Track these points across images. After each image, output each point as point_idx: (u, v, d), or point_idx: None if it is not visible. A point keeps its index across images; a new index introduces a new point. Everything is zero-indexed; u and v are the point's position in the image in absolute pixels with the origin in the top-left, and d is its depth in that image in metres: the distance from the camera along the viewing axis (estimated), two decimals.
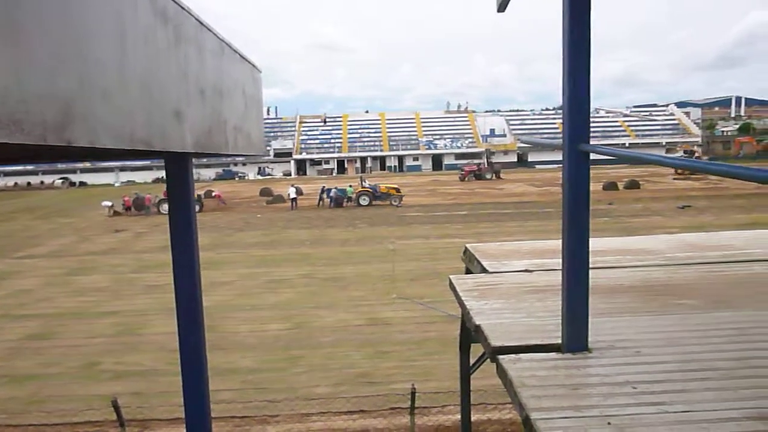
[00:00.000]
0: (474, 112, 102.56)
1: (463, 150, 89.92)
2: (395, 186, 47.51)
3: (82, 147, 1.73)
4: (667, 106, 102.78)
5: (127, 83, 1.98)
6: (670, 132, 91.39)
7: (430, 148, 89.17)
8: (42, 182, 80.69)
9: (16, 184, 79.64)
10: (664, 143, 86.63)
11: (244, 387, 12.18)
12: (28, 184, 79.95)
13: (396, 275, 20.38)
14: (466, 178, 65.39)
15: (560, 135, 2.87)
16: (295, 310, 17.69)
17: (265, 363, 13.62)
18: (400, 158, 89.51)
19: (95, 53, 1.75)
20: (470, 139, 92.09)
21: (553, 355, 2.93)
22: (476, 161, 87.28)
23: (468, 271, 5.28)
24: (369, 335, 15.26)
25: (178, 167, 3.31)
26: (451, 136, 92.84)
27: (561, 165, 2.89)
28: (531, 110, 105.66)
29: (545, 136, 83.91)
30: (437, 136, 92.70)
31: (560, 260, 2.90)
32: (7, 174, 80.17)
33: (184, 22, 2.56)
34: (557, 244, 3.02)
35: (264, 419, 10.73)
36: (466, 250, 5.51)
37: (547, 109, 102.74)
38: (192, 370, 3.74)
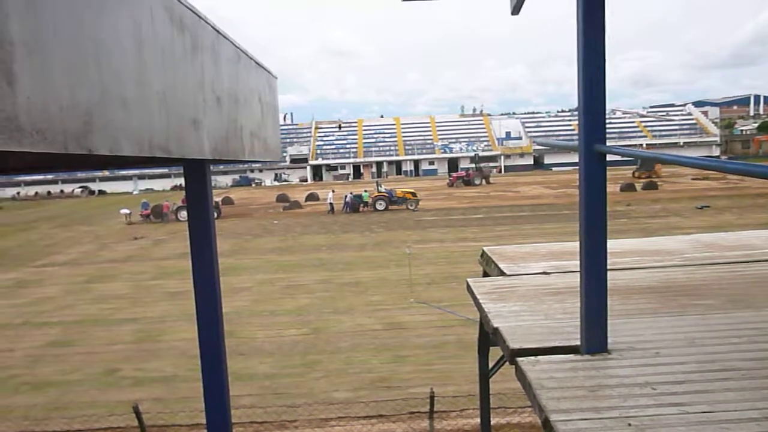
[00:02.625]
0: (489, 115, 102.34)
1: (479, 153, 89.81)
2: (411, 190, 47.49)
3: (102, 155, 1.76)
4: (684, 105, 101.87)
5: (146, 92, 2.01)
6: (687, 132, 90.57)
7: (445, 152, 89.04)
8: (62, 191, 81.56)
9: (36, 193, 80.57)
10: (681, 143, 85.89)
11: (263, 392, 12.22)
12: (48, 193, 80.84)
13: (413, 279, 20.37)
14: (455, 184, 64.05)
15: (576, 137, 2.87)
16: (313, 316, 17.73)
17: (284, 368, 13.66)
18: (416, 162, 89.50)
19: (114, 64, 1.79)
20: (486, 142, 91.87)
21: (571, 356, 2.92)
22: (492, 164, 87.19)
23: (485, 274, 5.27)
24: (387, 340, 15.25)
25: (196, 174, 3.35)
26: (466, 139, 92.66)
27: (578, 167, 2.89)
28: (547, 112, 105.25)
29: (561, 137, 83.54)
30: (453, 140, 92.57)
31: (578, 262, 2.90)
32: (27, 183, 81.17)
33: (201, 31, 2.60)
34: (575, 245, 3.02)
35: (283, 424, 10.76)
36: (483, 253, 5.51)
37: (562, 111, 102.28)
38: (212, 374, 3.77)
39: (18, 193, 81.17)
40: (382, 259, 25.82)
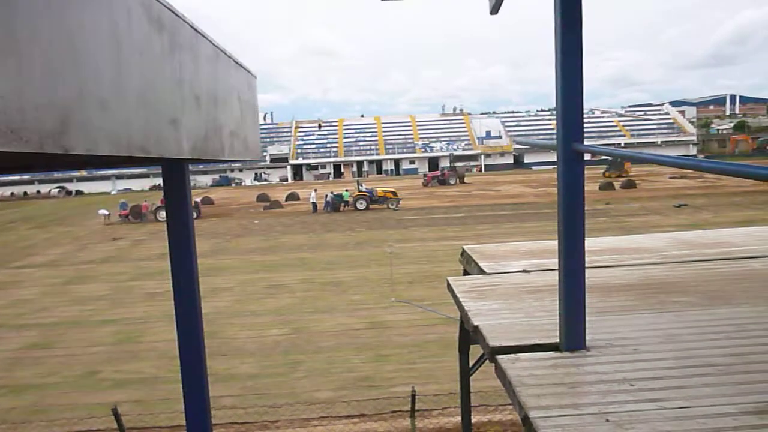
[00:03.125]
0: (470, 114, 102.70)
1: (460, 152, 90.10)
2: (392, 189, 47.51)
3: (80, 154, 1.75)
4: (662, 105, 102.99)
5: (124, 91, 1.99)
6: (665, 131, 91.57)
7: (426, 151, 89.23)
8: (38, 191, 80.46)
9: (12, 194, 79.46)
10: (659, 142, 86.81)
11: (245, 393, 12.17)
12: (25, 193, 79.78)
13: (395, 278, 20.39)
14: (429, 184, 63.63)
15: (555, 136, 2.89)
16: (294, 315, 17.69)
17: (266, 368, 13.62)
18: (397, 162, 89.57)
19: (91, 62, 1.77)
20: (466, 142, 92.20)
21: (551, 354, 2.94)
22: (473, 163, 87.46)
23: (466, 273, 5.29)
24: (368, 339, 15.26)
25: (175, 174, 3.32)
26: (447, 138, 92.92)
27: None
28: (527, 111, 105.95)
29: (541, 136, 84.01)
30: (433, 139, 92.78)
31: (557, 260, 2.92)
32: (2, 184, 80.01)
33: (180, 30, 2.58)
34: (555, 244, 3.04)
35: (265, 425, 10.72)
36: (463, 252, 5.53)
37: (542, 111, 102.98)
38: (192, 376, 3.75)
39: None
40: (364, 259, 25.82)
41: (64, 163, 3.95)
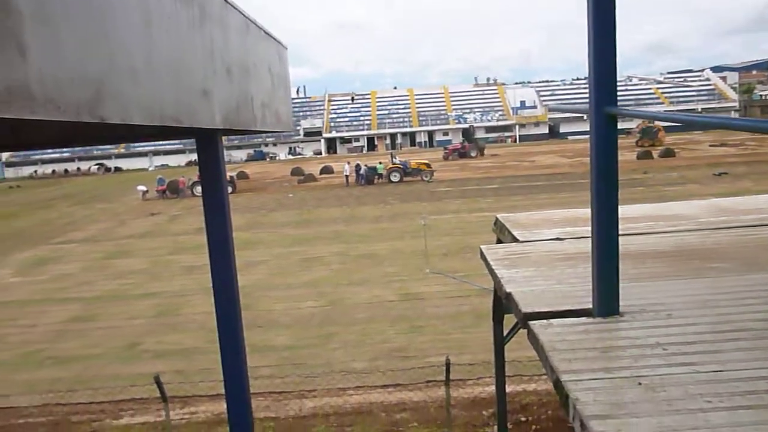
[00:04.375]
0: (503, 84, 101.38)
1: (494, 123, 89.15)
2: (426, 161, 47.34)
3: (115, 125, 1.79)
4: (702, 71, 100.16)
5: (154, 63, 2.03)
6: (705, 98, 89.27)
7: (459, 123, 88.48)
8: (78, 168, 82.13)
9: (53, 171, 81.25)
10: (699, 109, 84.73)
11: (281, 363, 12.38)
12: (65, 171, 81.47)
13: (429, 250, 20.42)
14: (450, 157, 62.68)
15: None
16: (329, 288, 17.87)
17: (301, 340, 13.82)
18: (430, 133, 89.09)
19: (122, 34, 1.80)
20: (500, 112, 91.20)
21: (584, 319, 2.94)
22: (507, 134, 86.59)
23: (499, 242, 5.29)
24: (403, 310, 15.36)
25: (208, 145, 3.37)
26: (480, 109, 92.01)
27: None
28: (561, 80, 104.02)
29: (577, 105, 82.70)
30: (467, 110, 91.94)
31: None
32: (44, 162, 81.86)
33: (209, 1, 2.60)
34: (589, 212, 3.02)
35: (302, 394, 10.91)
36: (496, 221, 5.52)
37: (578, 79, 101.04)
38: (230, 346, 3.83)
39: (35, 171, 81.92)
40: (398, 231, 25.88)
41: (100, 137, 4.03)
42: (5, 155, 79.03)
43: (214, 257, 3.62)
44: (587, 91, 2.88)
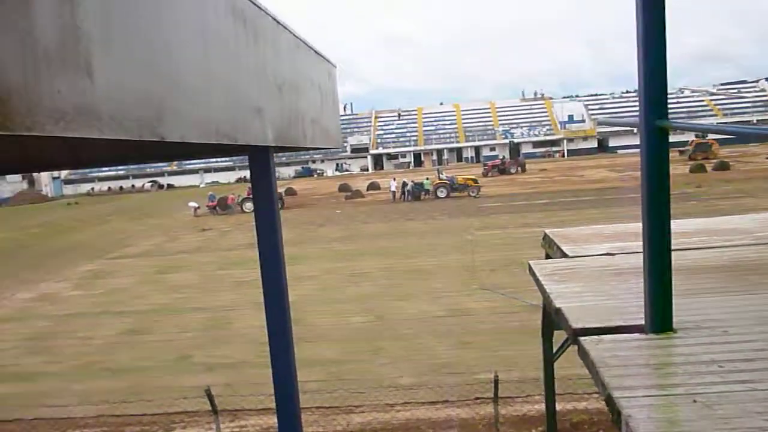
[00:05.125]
0: (551, 98, 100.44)
1: (541, 138, 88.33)
2: (473, 177, 47.17)
3: (171, 143, 1.86)
4: (757, 81, 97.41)
5: (211, 82, 2.10)
6: (761, 109, 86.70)
7: (506, 138, 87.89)
8: (133, 186, 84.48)
9: (109, 188, 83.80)
10: (755, 121, 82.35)
11: (329, 378, 12.42)
12: (120, 188, 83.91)
13: (476, 266, 20.29)
14: (489, 173, 60.97)
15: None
16: (376, 303, 17.89)
17: (349, 354, 13.86)
18: (477, 149, 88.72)
19: (182, 56, 1.88)
20: (548, 127, 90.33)
21: (636, 335, 2.90)
22: (555, 148, 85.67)
23: (548, 257, 5.24)
24: (450, 326, 15.27)
25: (260, 162, 3.45)
26: (527, 124, 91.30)
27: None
28: (610, 94, 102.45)
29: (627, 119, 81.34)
30: (514, 125, 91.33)
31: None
32: (101, 179, 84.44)
33: (262, 22, 2.68)
34: (639, 227, 2.98)
35: (349, 409, 10.93)
36: (545, 236, 5.48)
37: (627, 92, 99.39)
38: (281, 360, 3.88)
39: (92, 188, 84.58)
40: (445, 246, 25.79)
41: (156, 154, 4.16)
42: (64, 173, 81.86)
43: (265, 271, 3.68)
44: (637, 104, 2.85)
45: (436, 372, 12.39)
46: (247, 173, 3.63)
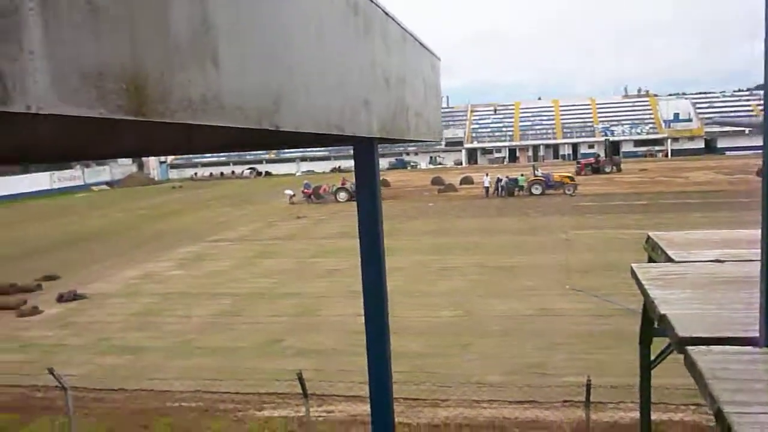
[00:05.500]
0: (656, 96, 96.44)
1: (643, 136, 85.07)
2: (569, 174, 46.00)
3: (281, 131, 1.92)
4: None
5: (325, 74, 2.15)
6: None
7: (606, 135, 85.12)
8: (233, 172, 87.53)
9: (211, 174, 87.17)
10: None
11: (414, 370, 12.47)
12: (221, 174, 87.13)
13: (569, 266, 19.82)
14: (582, 172, 57.75)
15: (763, 113, 2.67)
16: (465, 298, 17.80)
17: (435, 348, 13.86)
18: (575, 146, 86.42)
19: (299, 48, 1.93)
20: (651, 125, 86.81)
21: (749, 348, 2.75)
22: (658, 148, 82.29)
23: (650, 260, 5.05)
24: (540, 326, 15.00)
25: (365, 153, 3.50)
26: (629, 122, 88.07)
27: (758, 151, 2.69)
28: (721, 92, 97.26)
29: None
30: (614, 123, 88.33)
31: (757, 250, 2.72)
32: (203, 165, 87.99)
33: (373, 13, 2.71)
34: (753, 233, 2.83)
35: (435, 403, 10.94)
36: (648, 239, 5.28)
37: (740, 90, 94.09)
38: (376, 349, 3.94)
39: (195, 173, 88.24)
40: (537, 244, 25.33)
41: (264, 142, 4.29)
42: (170, 158, 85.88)
43: (365, 260, 3.74)
44: (749, 104, 2.69)
45: (524, 372, 12.21)
46: (341, 163, 3.70)
